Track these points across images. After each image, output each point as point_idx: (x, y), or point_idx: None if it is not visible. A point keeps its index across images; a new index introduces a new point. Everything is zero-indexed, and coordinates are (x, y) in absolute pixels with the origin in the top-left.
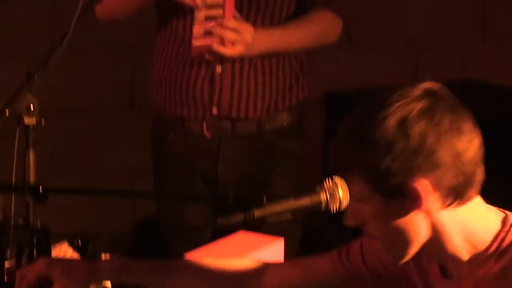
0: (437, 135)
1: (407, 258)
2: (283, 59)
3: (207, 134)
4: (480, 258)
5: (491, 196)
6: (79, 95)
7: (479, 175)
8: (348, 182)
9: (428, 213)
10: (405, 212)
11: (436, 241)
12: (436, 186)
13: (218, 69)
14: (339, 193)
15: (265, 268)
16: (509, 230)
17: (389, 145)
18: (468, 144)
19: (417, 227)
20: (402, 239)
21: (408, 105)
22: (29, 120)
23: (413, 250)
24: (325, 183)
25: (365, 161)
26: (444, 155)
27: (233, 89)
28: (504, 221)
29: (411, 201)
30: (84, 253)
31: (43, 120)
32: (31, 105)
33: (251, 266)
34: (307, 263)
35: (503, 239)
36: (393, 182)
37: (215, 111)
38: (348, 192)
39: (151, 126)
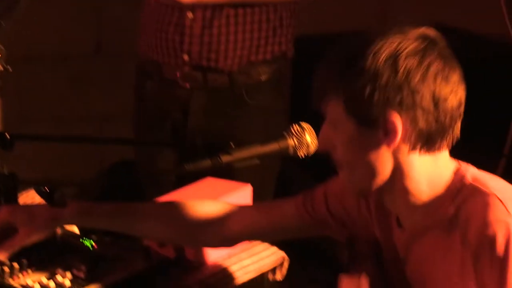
0: (423, 76)
1: (366, 191)
2: (259, 10)
3: (180, 82)
4: (431, 206)
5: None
6: (45, 41)
7: (454, 129)
8: (327, 104)
9: (396, 152)
10: (375, 144)
11: (398, 184)
12: (411, 126)
13: (189, 15)
14: (306, 138)
15: (231, 212)
16: (458, 180)
17: (376, 74)
18: (451, 95)
19: (383, 162)
20: (366, 171)
21: (403, 42)
22: None
23: (374, 184)
24: (292, 129)
25: (349, 85)
26: (425, 97)
27: (203, 37)
28: (456, 171)
29: (384, 134)
30: (51, 200)
31: (9, 66)
32: None
33: (217, 209)
34: (272, 208)
35: (451, 189)
36: (371, 111)
37: (186, 57)
38: (315, 137)
39: (134, 74)
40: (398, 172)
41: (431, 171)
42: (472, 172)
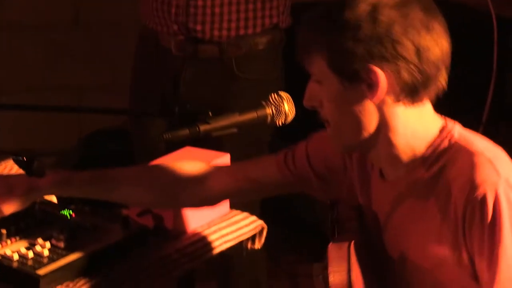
0: (405, 27)
1: (353, 147)
2: None
3: (174, 51)
4: (416, 162)
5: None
6: (23, 10)
7: (439, 80)
8: (311, 61)
9: (381, 105)
10: (359, 99)
11: (382, 138)
12: (394, 78)
13: None
14: (284, 106)
15: (210, 171)
16: (444, 137)
17: (356, 28)
18: (433, 44)
19: (368, 117)
20: (352, 126)
21: None
22: None
23: (360, 139)
24: (270, 98)
25: (330, 41)
26: (407, 48)
27: (189, 8)
28: (443, 128)
29: (367, 88)
30: (30, 170)
31: None
32: None
33: (196, 169)
34: (253, 166)
35: (437, 146)
36: (353, 65)
37: (175, 27)
38: (293, 106)
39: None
40: (383, 125)
41: (415, 124)
42: (458, 130)
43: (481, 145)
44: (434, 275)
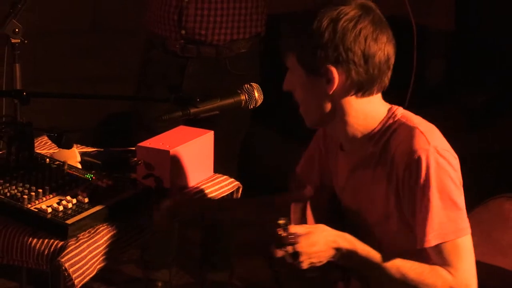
0: (355, 37)
1: (317, 123)
2: (240, 0)
3: (179, 53)
4: (367, 137)
5: None
6: (52, 20)
7: (383, 79)
8: (287, 57)
9: (335, 95)
10: (319, 88)
11: (339, 120)
12: (345, 77)
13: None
14: (255, 94)
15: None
16: (389, 117)
17: (319, 35)
18: (379, 52)
19: (326, 102)
20: (314, 107)
21: (343, 10)
22: (15, 40)
23: (320, 117)
24: (244, 87)
25: (300, 44)
26: (357, 54)
27: (196, 16)
28: (389, 111)
29: (326, 82)
30: (59, 143)
31: (25, 40)
32: (16, 29)
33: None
34: None
35: (384, 124)
36: (315, 63)
37: (183, 32)
38: (262, 94)
39: (144, 45)
40: (338, 109)
41: (366, 109)
42: (401, 112)
43: (417, 121)
44: (381, 228)
